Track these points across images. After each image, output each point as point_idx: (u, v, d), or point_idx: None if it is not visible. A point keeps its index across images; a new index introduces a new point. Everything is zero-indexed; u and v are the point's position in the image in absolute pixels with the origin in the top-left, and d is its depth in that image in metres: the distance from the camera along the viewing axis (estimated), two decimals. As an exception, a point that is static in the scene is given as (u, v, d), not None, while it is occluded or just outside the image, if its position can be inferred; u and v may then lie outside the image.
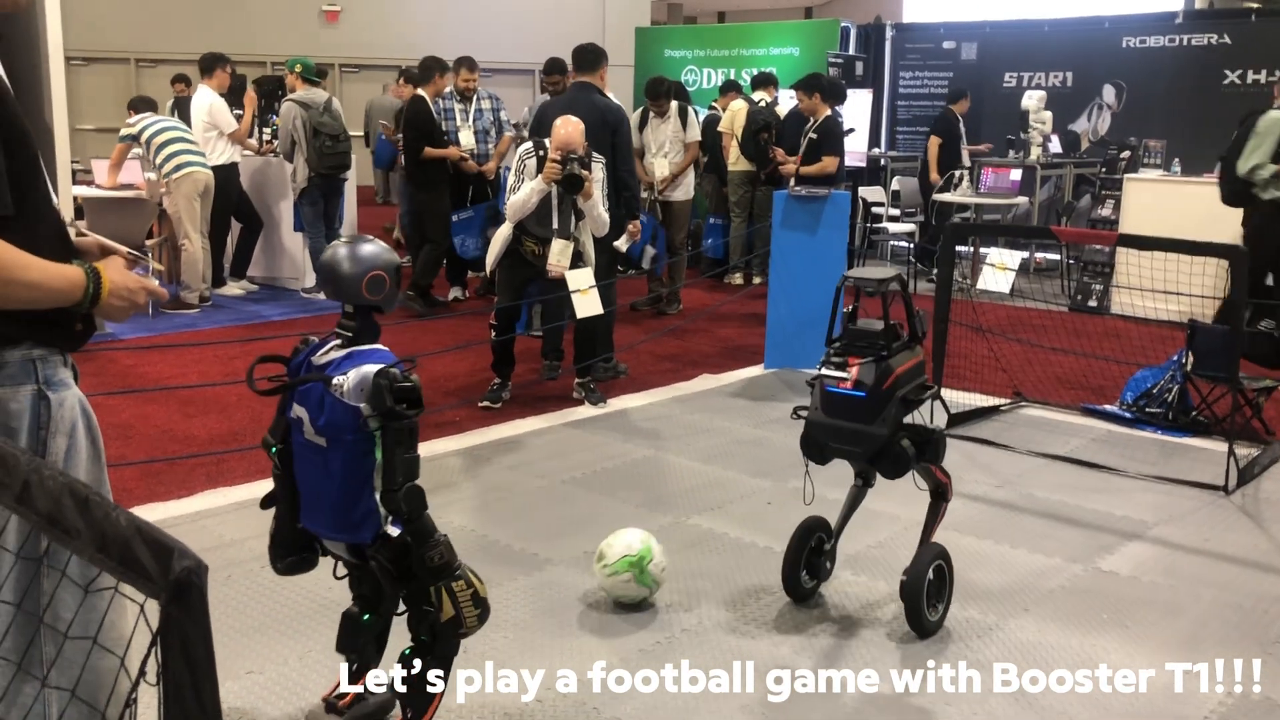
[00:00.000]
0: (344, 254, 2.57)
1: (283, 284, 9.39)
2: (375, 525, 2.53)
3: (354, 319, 2.59)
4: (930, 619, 3.41)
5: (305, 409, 2.54)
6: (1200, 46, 11.08)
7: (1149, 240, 5.16)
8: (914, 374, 3.39)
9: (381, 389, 2.41)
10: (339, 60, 16.67)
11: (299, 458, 2.63)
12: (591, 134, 5.74)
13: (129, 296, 2.04)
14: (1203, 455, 5.32)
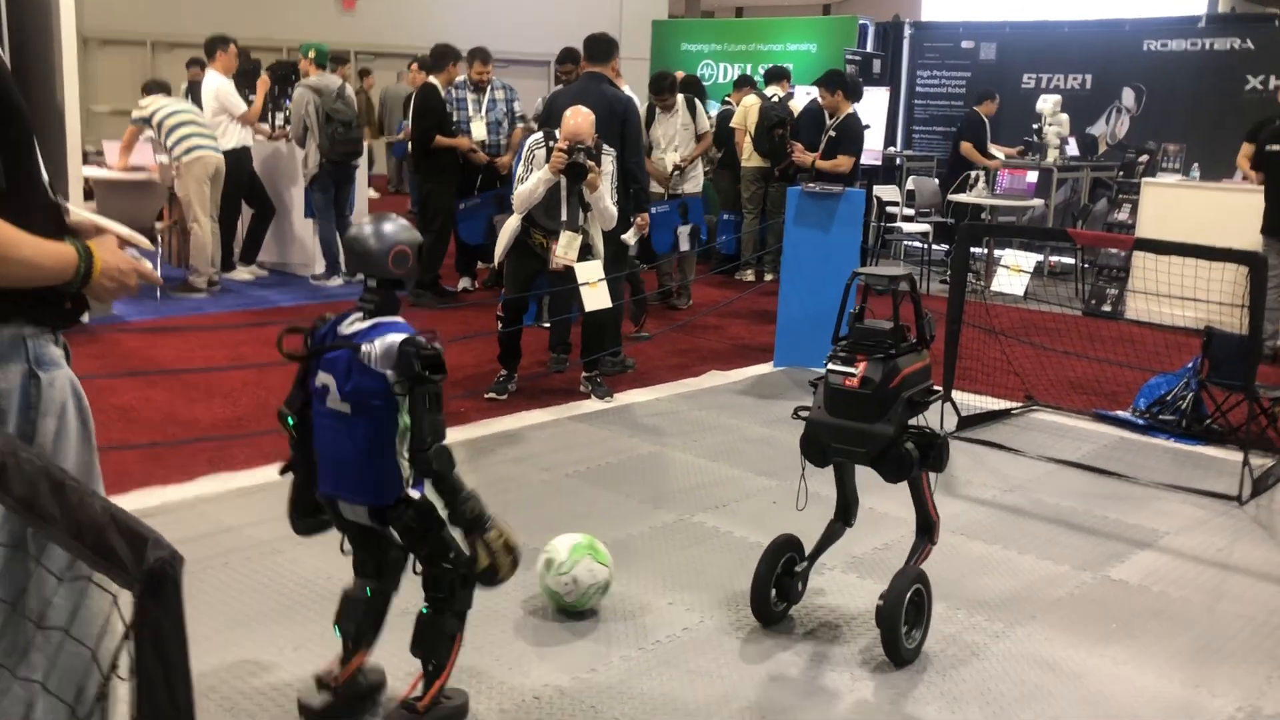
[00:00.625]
0: (370, 230, 2.73)
1: (292, 270, 9.35)
2: (397, 488, 2.64)
3: (378, 292, 2.72)
4: (907, 646, 3.24)
5: (332, 376, 2.65)
6: (1222, 51, 10.96)
7: (1166, 245, 5.08)
8: (921, 376, 3.32)
9: (409, 355, 2.56)
10: (355, 48, 16.61)
11: (320, 426, 2.72)
12: (601, 125, 5.68)
13: (120, 278, 2.01)
14: (1216, 464, 5.25)
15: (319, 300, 8.35)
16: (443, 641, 2.75)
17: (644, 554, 3.96)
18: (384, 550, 2.83)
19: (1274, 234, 7.53)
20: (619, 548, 4.00)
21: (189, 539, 3.90)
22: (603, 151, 5.58)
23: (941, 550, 4.10)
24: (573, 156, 5.31)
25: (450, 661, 2.76)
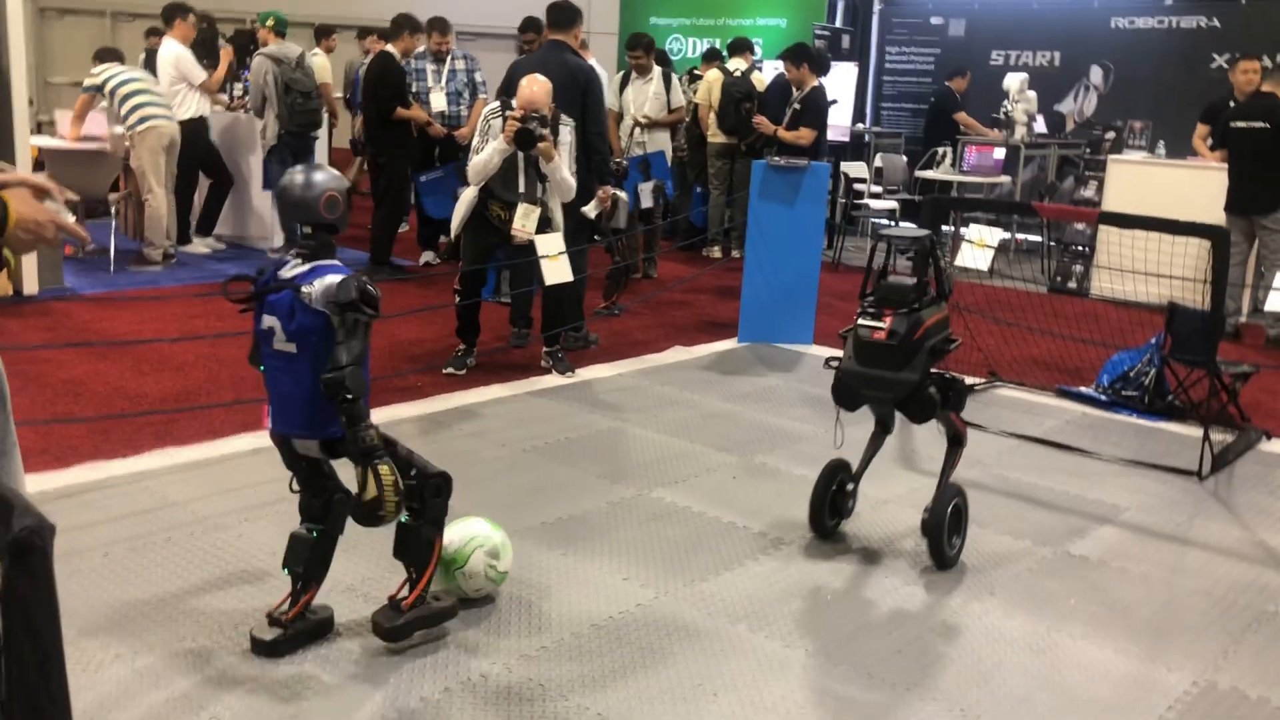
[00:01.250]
0: (300, 180, 2.85)
1: (250, 243, 9.18)
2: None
3: (313, 237, 2.87)
4: (949, 552, 3.69)
5: (277, 318, 2.81)
6: (1189, 29, 10.97)
7: (1130, 218, 5.06)
8: (941, 326, 3.65)
9: (349, 285, 2.70)
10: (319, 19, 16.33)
11: (269, 368, 2.89)
12: (562, 94, 5.58)
13: (36, 229, 1.97)
14: (1178, 440, 5.24)
15: (277, 274, 8.20)
16: (423, 547, 2.99)
17: (600, 530, 3.90)
18: (329, 493, 2.97)
19: (1237, 211, 7.55)
20: (575, 523, 3.94)
21: (132, 514, 3.81)
22: (561, 122, 5.47)
23: (900, 524, 4.08)
24: (525, 124, 5.19)
25: (431, 566, 3.00)
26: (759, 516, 4.08)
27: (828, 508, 3.88)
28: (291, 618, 2.95)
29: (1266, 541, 4.11)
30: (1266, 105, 7.44)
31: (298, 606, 2.95)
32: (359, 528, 2.91)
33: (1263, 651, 3.26)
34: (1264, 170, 7.43)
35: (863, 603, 3.44)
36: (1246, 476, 4.84)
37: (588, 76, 6.11)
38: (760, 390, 5.80)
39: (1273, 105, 7.41)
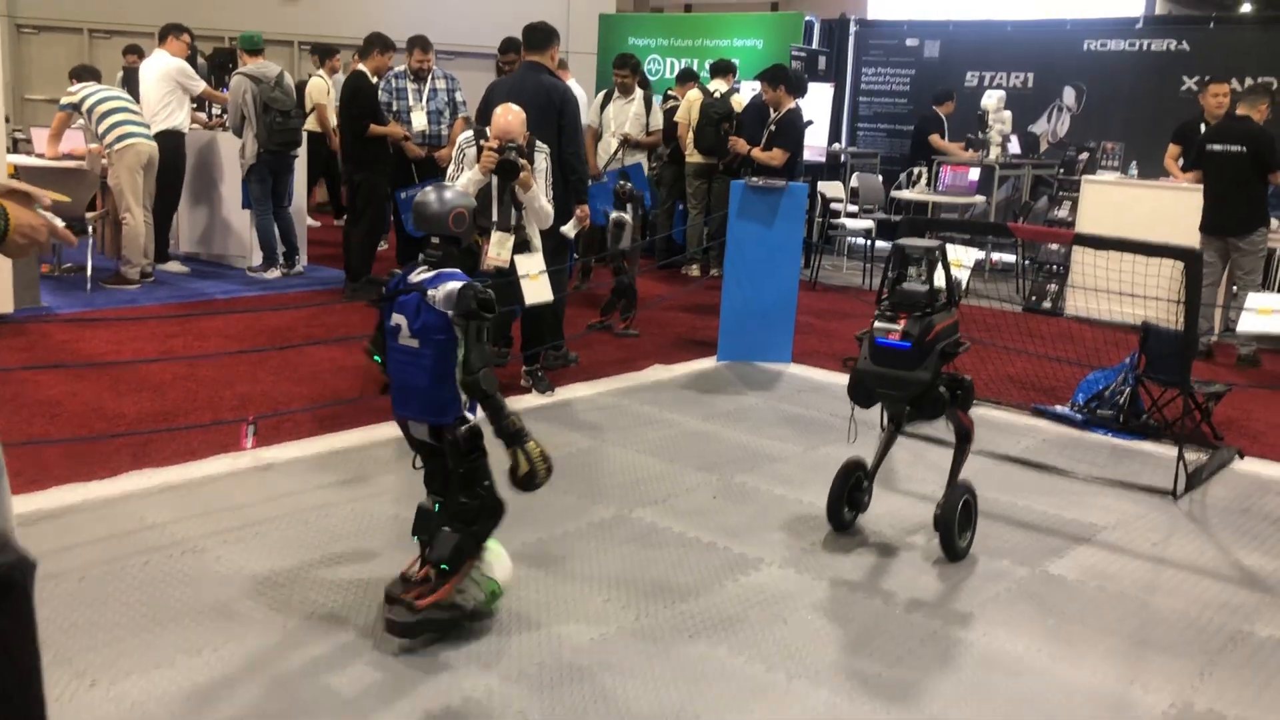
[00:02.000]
0: (434, 197, 3.25)
1: (229, 261, 9.16)
2: (456, 410, 3.17)
3: (440, 248, 3.24)
4: (960, 545, 3.98)
5: (404, 316, 3.17)
6: (1160, 52, 11.12)
7: (1104, 240, 5.10)
8: (950, 330, 3.92)
9: (467, 296, 3.06)
10: (299, 38, 16.34)
11: (394, 360, 3.24)
12: (538, 115, 5.58)
13: (31, 234, 2.02)
14: (1152, 459, 5.29)
15: (255, 292, 8.18)
16: (458, 556, 3.20)
17: (581, 551, 3.90)
18: (447, 469, 3.26)
19: (1212, 232, 7.63)
20: (555, 545, 3.93)
21: (109, 537, 3.78)
22: (536, 149, 5.48)
23: (882, 544, 4.10)
24: (503, 155, 5.18)
25: (453, 579, 3.20)
26: (739, 537, 4.09)
27: (845, 502, 4.16)
28: (421, 577, 3.24)
29: (1241, 561, 4.15)
30: (1242, 128, 7.53)
31: (426, 568, 3.25)
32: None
33: (1239, 672, 3.29)
34: (1239, 192, 7.51)
35: (843, 623, 3.46)
36: (1220, 495, 4.89)
37: (563, 97, 6.10)
38: (740, 409, 5.82)
39: (1248, 128, 7.51)
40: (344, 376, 6.04)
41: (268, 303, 7.75)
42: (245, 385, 5.73)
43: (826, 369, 6.78)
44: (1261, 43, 10.70)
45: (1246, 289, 7.38)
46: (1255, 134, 7.46)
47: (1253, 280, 7.51)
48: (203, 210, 9.33)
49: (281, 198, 8.72)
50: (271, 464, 4.60)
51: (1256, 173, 7.44)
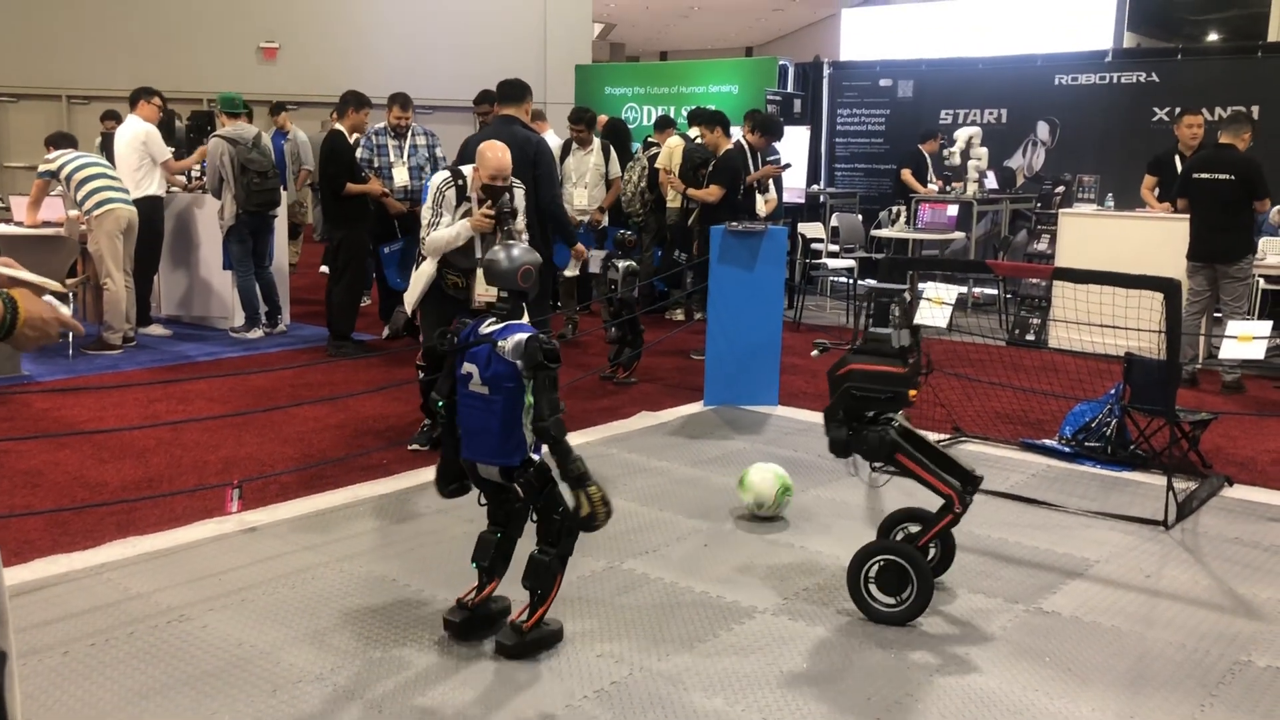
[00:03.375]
0: (503, 255, 3.48)
1: (211, 323, 9.14)
2: (523, 453, 3.42)
3: (508, 302, 3.50)
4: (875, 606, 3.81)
5: (475, 365, 3.42)
6: (1129, 84, 11.28)
7: (1083, 274, 5.13)
8: (875, 377, 3.78)
9: (535, 348, 3.30)
10: (277, 97, 16.45)
11: (465, 405, 3.47)
12: (514, 166, 5.64)
13: (42, 326, 2.02)
14: (1142, 490, 5.28)
15: (239, 353, 8.15)
16: (549, 577, 3.46)
17: (572, 605, 3.85)
18: (510, 503, 3.56)
19: (1200, 259, 7.66)
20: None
21: (93, 609, 3.72)
22: (514, 186, 5.52)
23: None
24: (501, 211, 5.21)
25: (553, 594, 3.47)
26: (732, 585, 4.06)
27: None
28: (476, 604, 3.56)
29: (1235, 590, 4.13)
30: (1229, 157, 7.59)
31: (482, 594, 3.56)
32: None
33: (1239, 703, 3.27)
34: (1228, 220, 7.55)
35: (839, 670, 3.42)
36: (1211, 524, 4.88)
37: (536, 148, 6.19)
38: (728, 454, 5.80)
39: (1235, 157, 7.57)
40: (330, 435, 6.01)
41: (251, 364, 7.73)
42: (230, 448, 5.69)
43: (814, 410, 6.77)
44: (1228, 72, 10.87)
45: (1232, 316, 7.42)
46: (1243, 163, 7.53)
47: (1239, 307, 7.55)
48: (183, 272, 9.33)
49: (262, 257, 8.72)
50: (256, 527, 4.56)
51: (1244, 201, 7.51)
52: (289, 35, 16.93)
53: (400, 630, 3.63)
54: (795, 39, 21.43)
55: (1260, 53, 11.27)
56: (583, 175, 8.84)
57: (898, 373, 3.78)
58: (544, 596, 3.47)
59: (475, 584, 3.58)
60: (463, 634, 3.53)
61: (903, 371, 3.79)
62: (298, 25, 17.09)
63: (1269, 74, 10.57)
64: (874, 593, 3.76)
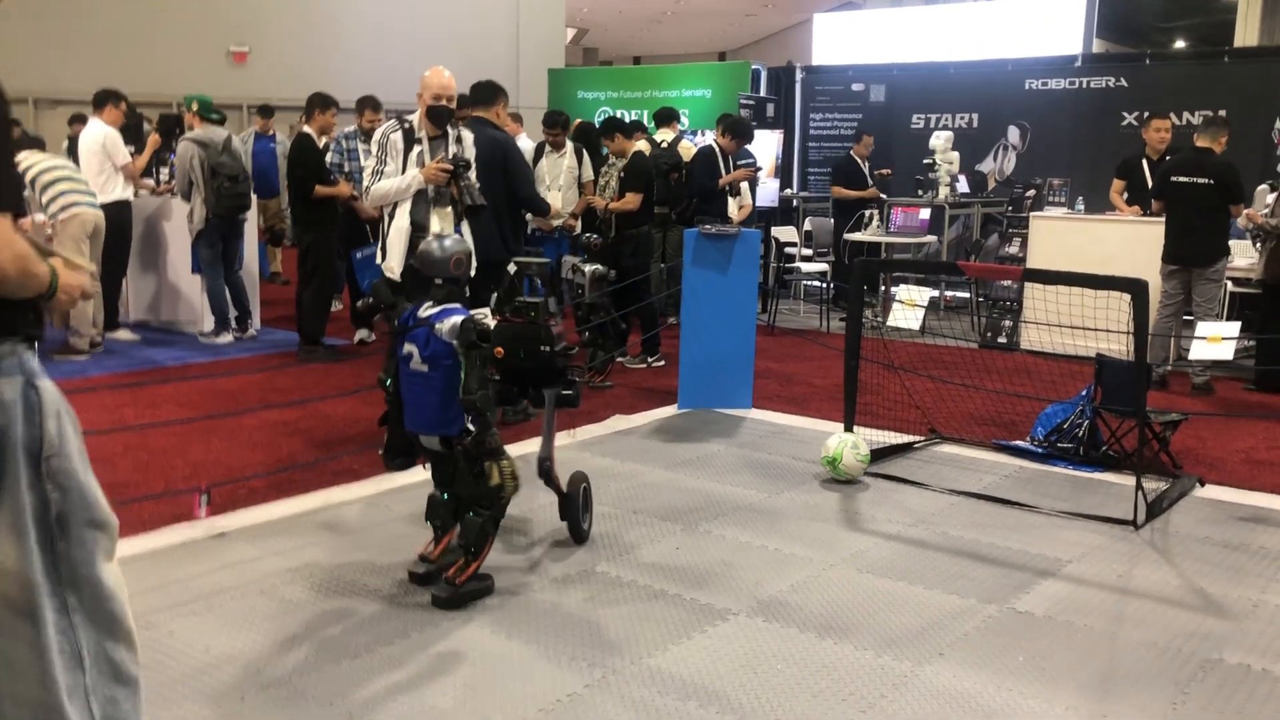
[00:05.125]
0: (435, 245, 3.89)
1: (180, 328, 9.04)
2: (461, 423, 3.79)
3: (443, 288, 3.84)
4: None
5: (415, 345, 3.77)
6: (1099, 89, 11.37)
7: (1053, 275, 5.16)
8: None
9: (469, 329, 3.68)
10: (248, 101, 16.34)
11: (407, 383, 3.82)
12: (487, 164, 5.86)
13: (71, 293, 2.22)
14: (1114, 490, 5.31)
15: (207, 358, 8.07)
16: (481, 537, 3.81)
17: (543, 609, 3.83)
18: (452, 467, 3.92)
19: (1175, 262, 7.69)
20: (517, 604, 3.86)
21: (57, 616, 3.65)
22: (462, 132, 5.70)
23: (848, 587, 4.06)
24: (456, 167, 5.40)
25: (484, 553, 3.83)
26: (705, 587, 4.04)
27: None
28: (436, 556, 3.97)
29: (1205, 588, 4.15)
30: (1207, 160, 7.63)
31: (439, 548, 3.98)
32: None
33: (1210, 700, 3.28)
34: (1205, 223, 7.58)
35: (814, 671, 3.41)
36: (1181, 523, 4.91)
37: (505, 147, 6.35)
38: (702, 457, 5.78)
39: (1213, 160, 7.61)
40: (300, 439, 5.95)
41: (220, 368, 7.65)
42: (198, 453, 5.62)
43: (788, 413, 6.78)
44: (1196, 77, 10.98)
45: (1203, 317, 7.47)
46: (1222, 167, 7.57)
47: (1210, 310, 7.59)
48: (151, 276, 9.24)
49: (232, 261, 8.64)
50: (225, 532, 4.50)
51: (1222, 205, 7.55)
52: (259, 40, 16.84)
53: (372, 635, 3.59)
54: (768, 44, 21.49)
55: (1227, 58, 11.40)
56: (556, 178, 8.83)
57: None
58: (476, 554, 3.80)
59: (431, 539, 4.01)
60: (425, 581, 3.90)
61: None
62: (268, 30, 17.00)
63: (1236, 79, 10.69)
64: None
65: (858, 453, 5.33)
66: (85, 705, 2.25)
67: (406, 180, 5.32)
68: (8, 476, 2.13)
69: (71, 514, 2.22)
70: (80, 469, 2.26)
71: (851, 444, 5.34)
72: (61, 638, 2.20)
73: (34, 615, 2.16)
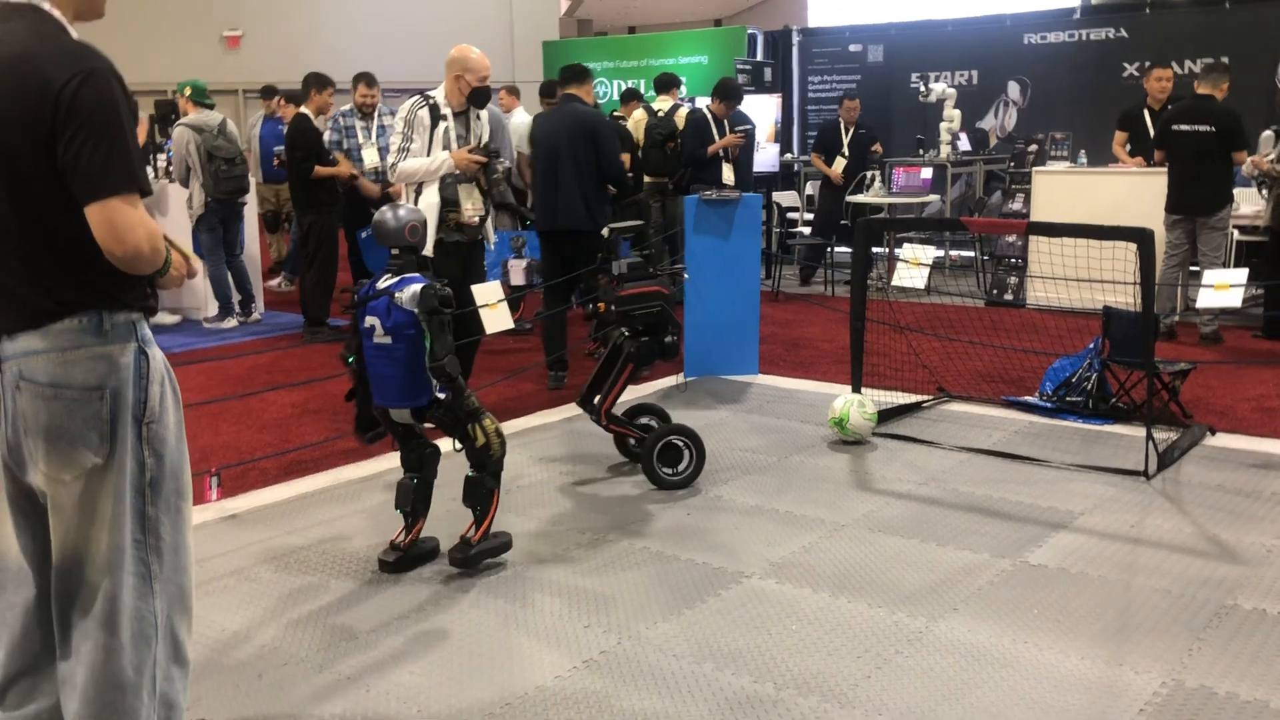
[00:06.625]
0: (390, 215, 3.82)
1: (184, 314, 9.03)
2: (429, 393, 3.75)
3: (400, 257, 3.80)
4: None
5: (376, 318, 3.73)
6: (1098, 41, 11.25)
7: (1057, 227, 5.14)
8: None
9: (430, 295, 3.61)
10: (242, 85, 16.27)
11: (372, 357, 3.78)
12: (572, 139, 6.52)
13: (180, 269, 2.35)
14: (1124, 442, 5.29)
15: (213, 343, 8.07)
16: (484, 494, 3.81)
17: (556, 577, 3.83)
18: (422, 448, 3.89)
19: (1179, 211, 7.62)
20: (530, 573, 3.87)
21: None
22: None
23: (860, 547, 4.06)
24: (491, 161, 5.43)
25: (492, 510, 3.82)
26: (717, 551, 4.05)
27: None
28: (407, 545, 3.88)
29: (1218, 535, 4.14)
30: (1208, 108, 7.54)
31: (410, 536, 3.89)
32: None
33: (1226, 646, 3.28)
34: (1208, 171, 7.50)
35: (828, 630, 3.41)
36: (1193, 472, 4.89)
37: (594, 121, 6.75)
38: (710, 423, 5.77)
39: (1214, 107, 7.52)
40: (308, 421, 5.95)
41: (226, 352, 7.65)
42: (207, 437, 5.63)
43: (794, 377, 6.76)
44: (1197, 25, 10.86)
45: (1210, 266, 7.42)
46: (1223, 114, 7.49)
47: (1215, 258, 7.54)
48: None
49: (233, 246, 8.63)
50: (237, 514, 4.51)
51: (1224, 152, 7.48)
52: (252, 23, 16.74)
53: (388, 611, 3.60)
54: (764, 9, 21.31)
55: (1228, 4, 11.27)
56: None
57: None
58: (485, 512, 3.81)
59: (403, 526, 3.90)
60: (396, 569, 3.85)
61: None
62: (260, 13, 16.89)
63: (1237, 26, 10.57)
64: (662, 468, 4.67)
65: (864, 411, 5.31)
66: (151, 678, 2.34)
67: (436, 163, 5.33)
68: (119, 436, 2.27)
69: (164, 481, 2.35)
70: (174, 439, 2.38)
71: (858, 403, 5.32)
72: (141, 603, 2.31)
73: (117, 576, 2.27)
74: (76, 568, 2.27)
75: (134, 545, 2.30)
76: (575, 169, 6.53)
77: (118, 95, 2.21)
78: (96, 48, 2.27)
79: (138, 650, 2.30)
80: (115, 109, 2.19)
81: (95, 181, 2.15)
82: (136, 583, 2.30)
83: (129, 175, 2.19)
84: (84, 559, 2.27)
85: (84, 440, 2.23)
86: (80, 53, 2.21)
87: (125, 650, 2.28)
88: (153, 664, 2.33)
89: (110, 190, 2.15)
